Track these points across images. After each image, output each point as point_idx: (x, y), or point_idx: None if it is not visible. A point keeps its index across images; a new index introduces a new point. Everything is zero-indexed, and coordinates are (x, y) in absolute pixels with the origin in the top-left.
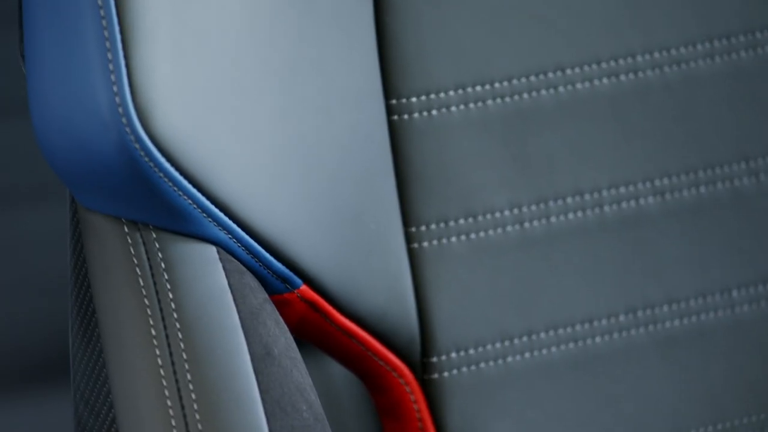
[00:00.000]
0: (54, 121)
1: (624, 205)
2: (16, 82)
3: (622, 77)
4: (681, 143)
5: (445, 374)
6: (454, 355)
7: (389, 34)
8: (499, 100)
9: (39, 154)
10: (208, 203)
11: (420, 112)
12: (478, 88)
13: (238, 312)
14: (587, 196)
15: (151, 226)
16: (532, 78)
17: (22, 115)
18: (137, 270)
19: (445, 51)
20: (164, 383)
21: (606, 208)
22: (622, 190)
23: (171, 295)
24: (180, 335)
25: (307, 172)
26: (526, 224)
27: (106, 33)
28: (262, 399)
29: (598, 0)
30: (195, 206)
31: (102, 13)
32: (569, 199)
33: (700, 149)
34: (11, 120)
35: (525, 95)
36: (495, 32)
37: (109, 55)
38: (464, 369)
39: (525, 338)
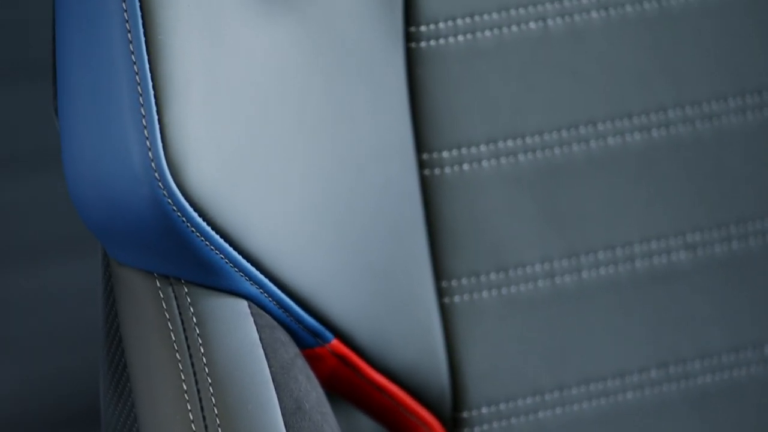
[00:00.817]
0: (87, 176)
1: (656, 259)
2: None
3: (654, 132)
4: (713, 198)
5: (476, 429)
6: (485, 410)
7: (421, 88)
8: (530, 155)
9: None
10: (239, 258)
11: (451, 167)
12: (510, 142)
13: (270, 367)
14: (619, 251)
15: (182, 281)
16: (564, 132)
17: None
18: (169, 325)
19: (477, 105)
20: None
21: (637, 263)
22: (654, 244)
23: (202, 350)
24: (211, 390)
25: (338, 225)
26: (558, 279)
27: (139, 89)
28: None
29: (630, 54)
30: (227, 261)
31: (136, 69)
32: (601, 254)
33: (732, 204)
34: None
35: (556, 149)
36: (526, 86)
37: (143, 111)
38: (495, 424)
39: (556, 393)
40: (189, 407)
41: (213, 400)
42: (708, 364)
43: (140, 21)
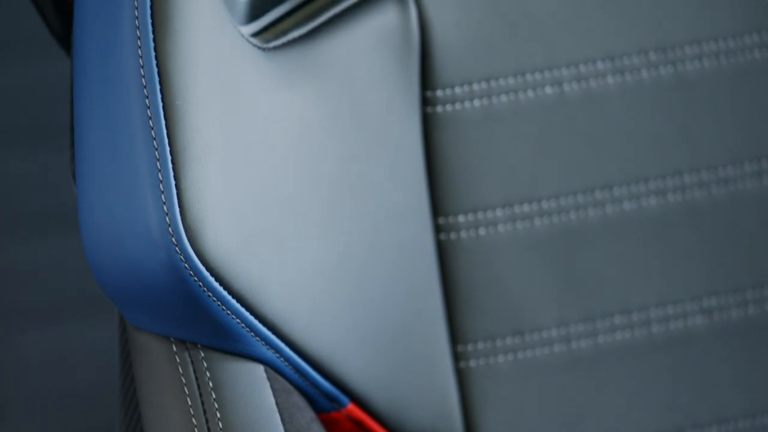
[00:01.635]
0: (104, 240)
1: (672, 324)
2: None
3: (670, 196)
4: (729, 263)
5: None
6: None
7: (437, 151)
8: (546, 219)
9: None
10: (256, 322)
11: (467, 230)
12: (526, 206)
13: (286, 431)
14: (635, 315)
15: (199, 346)
16: (580, 197)
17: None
18: (185, 389)
19: (493, 169)
20: None
21: (654, 328)
22: (670, 309)
23: (219, 415)
24: None
25: (354, 289)
26: (574, 343)
27: (157, 154)
28: None
29: (646, 119)
30: (243, 325)
31: (153, 134)
32: (617, 318)
33: (748, 269)
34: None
35: (572, 214)
36: (542, 150)
37: (160, 176)
38: None
39: None
40: None
41: None
42: (725, 429)
43: (158, 86)
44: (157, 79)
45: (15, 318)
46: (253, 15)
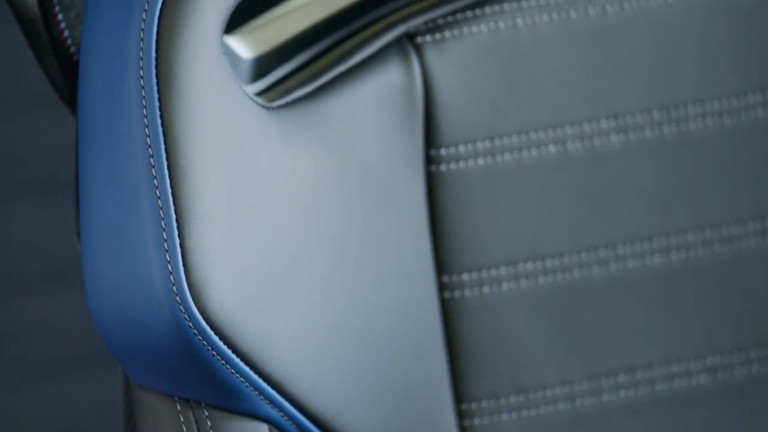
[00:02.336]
0: (108, 299)
1: (676, 383)
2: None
3: (673, 255)
4: (733, 321)
5: None
6: None
7: (441, 210)
8: (550, 277)
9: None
10: (260, 381)
11: (471, 289)
12: (530, 264)
13: None
14: (639, 374)
15: (203, 404)
16: (584, 255)
17: None
18: None
19: (497, 227)
20: None
21: (658, 386)
22: (674, 367)
23: None
24: None
25: (358, 347)
26: (578, 401)
27: (161, 213)
28: None
29: (650, 177)
30: (247, 384)
31: (158, 193)
32: (621, 377)
33: (752, 327)
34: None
35: (576, 272)
36: (546, 208)
37: (165, 235)
38: None
39: None
40: None
41: None
42: None
43: (163, 145)
44: (161, 138)
45: (19, 376)
46: (258, 74)
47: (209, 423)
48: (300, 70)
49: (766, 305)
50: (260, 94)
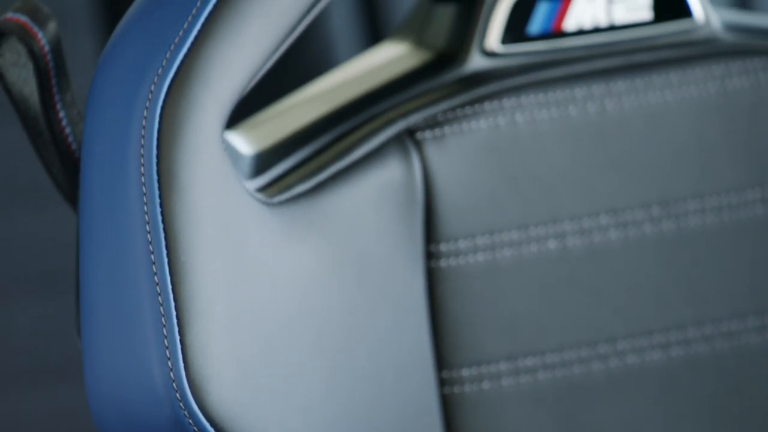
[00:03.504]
0: (108, 394)
1: None
2: None
3: (673, 350)
4: (733, 416)
5: None
6: None
7: (441, 305)
8: (549, 372)
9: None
10: None
11: (471, 384)
12: (529, 360)
13: None
14: None
15: None
16: (583, 350)
17: None
18: None
19: (497, 322)
20: None
21: None
22: None
23: None
24: None
25: None
26: None
27: (161, 309)
28: None
29: (649, 272)
30: None
31: (158, 289)
32: None
33: (752, 423)
34: None
35: (576, 368)
36: (546, 304)
37: (165, 331)
38: None
39: None
40: None
41: None
42: None
43: (163, 242)
44: (162, 235)
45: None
46: (258, 170)
47: None
48: (300, 165)
49: (765, 400)
50: (261, 189)
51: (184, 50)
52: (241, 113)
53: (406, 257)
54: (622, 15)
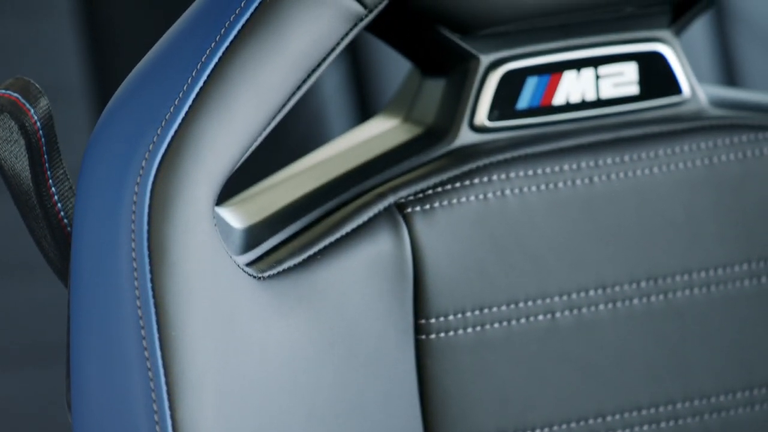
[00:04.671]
0: None
1: None
2: None
3: (663, 425)
4: None
5: None
6: None
7: (430, 379)
8: None
9: None
10: None
11: None
12: None
13: None
14: None
15: None
16: (573, 425)
17: None
18: None
19: (486, 396)
20: None
21: None
22: None
23: None
24: None
25: None
26: None
27: (152, 384)
28: None
29: (638, 346)
30: None
31: (148, 365)
32: None
33: None
34: None
35: None
36: (535, 378)
37: (155, 406)
38: None
39: None
40: None
41: None
42: None
43: (154, 317)
44: (153, 310)
45: None
46: (249, 245)
47: None
48: (290, 240)
49: None
50: (251, 264)
51: (175, 126)
52: (230, 187)
53: (396, 331)
54: (610, 90)
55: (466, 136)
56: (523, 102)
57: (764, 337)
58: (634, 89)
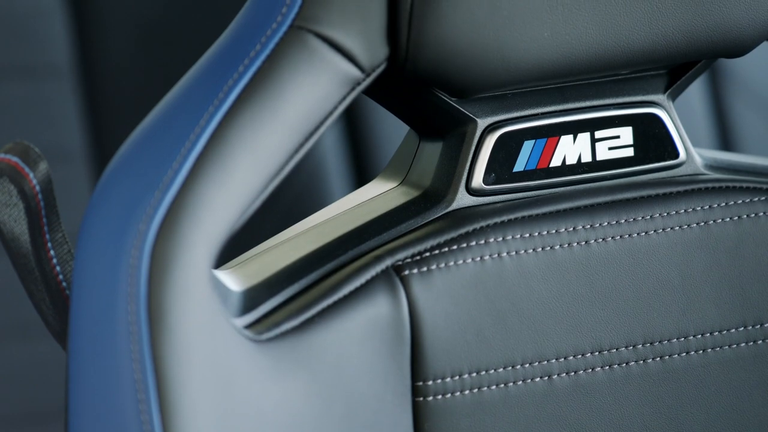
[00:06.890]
0: None
1: None
2: None
3: None
4: None
5: None
6: None
7: None
8: None
9: None
10: None
11: None
12: None
13: None
14: None
15: None
16: None
17: None
18: None
19: None
20: None
21: None
22: None
23: None
24: None
25: None
26: None
27: None
28: None
29: (634, 408)
30: None
31: (147, 428)
32: None
33: None
34: None
35: None
36: None
37: None
38: None
39: None
40: None
41: None
42: None
43: (152, 381)
44: (151, 373)
45: None
46: (247, 307)
47: None
48: (288, 302)
49: None
50: (249, 326)
51: (174, 190)
52: (229, 249)
53: (394, 393)
54: (606, 153)
55: (463, 199)
56: (520, 165)
57: (760, 401)
58: (630, 152)
